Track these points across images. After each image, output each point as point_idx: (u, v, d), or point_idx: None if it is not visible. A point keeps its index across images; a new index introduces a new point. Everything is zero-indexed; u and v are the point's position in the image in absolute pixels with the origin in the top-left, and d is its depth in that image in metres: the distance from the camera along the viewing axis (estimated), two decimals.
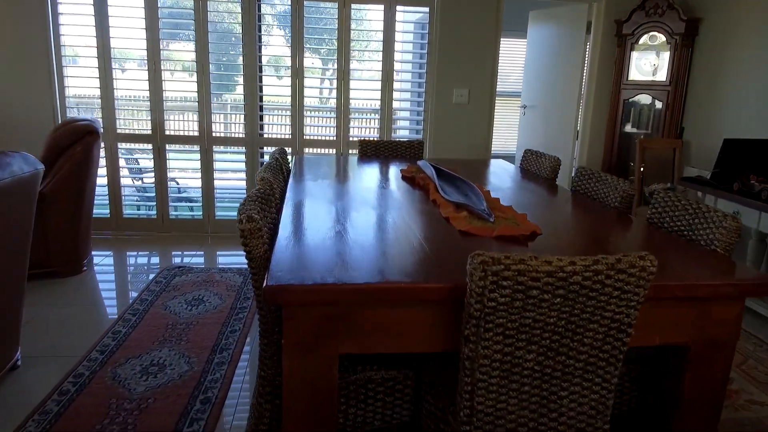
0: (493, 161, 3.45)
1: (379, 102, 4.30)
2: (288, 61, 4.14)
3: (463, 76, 4.25)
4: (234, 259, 3.97)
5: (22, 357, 2.39)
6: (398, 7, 4.14)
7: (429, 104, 4.30)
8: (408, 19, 4.36)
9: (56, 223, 3.21)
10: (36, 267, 3.21)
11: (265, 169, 2.25)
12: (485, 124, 4.34)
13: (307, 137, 4.28)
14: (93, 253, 3.85)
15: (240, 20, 4.01)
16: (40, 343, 2.57)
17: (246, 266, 3.79)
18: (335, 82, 4.19)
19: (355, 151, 4.39)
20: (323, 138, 4.34)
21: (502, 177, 2.89)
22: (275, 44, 4.44)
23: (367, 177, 2.73)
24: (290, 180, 2.54)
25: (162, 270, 3.48)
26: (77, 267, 3.39)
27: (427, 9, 4.21)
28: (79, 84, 4.05)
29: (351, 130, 4.32)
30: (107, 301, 3.17)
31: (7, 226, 2.06)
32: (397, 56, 4.25)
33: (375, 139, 4.33)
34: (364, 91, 4.36)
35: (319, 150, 4.49)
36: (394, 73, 4.23)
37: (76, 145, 3.21)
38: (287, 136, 4.27)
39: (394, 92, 4.27)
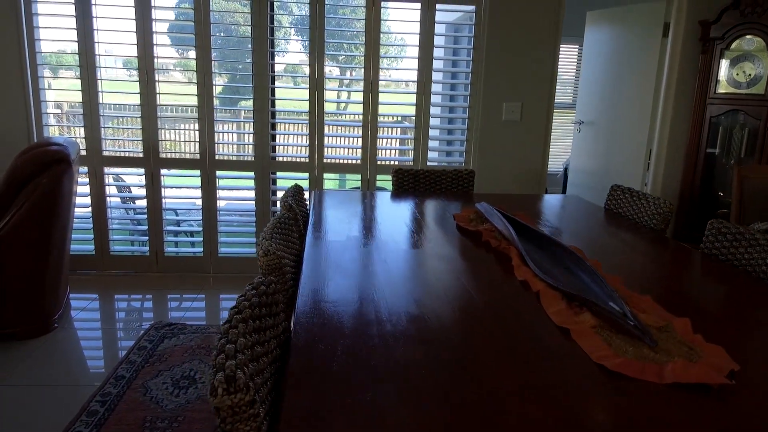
0: (563, 197, 2.73)
1: (413, 119, 3.60)
2: (305, 70, 3.46)
3: (515, 89, 3.54)
4: None
5: None
6: (438, 6, 3.45)
7: (474, 121, 3.60)
8: (445, 19, 3.66)
9: (15, 272, 2.56)
10: None
11: (273, 230, 1.55)
12: (540, 144, 3.62)
13: (328, 160, 3.60)
14: (73, 298, 3.20)
15: (250, 22, 3.35)
16: None
17: None
18: (361, 95, 3.51)
19: (384, 177, 3.70)
20: (347, 162, 3.65)
21: (588, 225, 2.17)
22: (291, 51, 3.77)
23: (408, 227, 2.03)
24: (308, 235, 1.84)
25: (149, 329, 2.81)
26: (44, 325, 2.73)
27: (472, 8, 3.51)
28: (60, 98, 3.42)
29: (379, 152, 3.63)
30: (79, 374, 2.50)
31: None
32: (436, 64, 3.56)
33: (410, 164, 3.63)
34: (396, 106, 3.68)
35: (341, 177, 3.82)
36: (432, 84, 3.53)
37: (41, 177, 2.56)
38: (304, 160, 3.59)
39: (431, 107, 3.57)
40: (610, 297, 1.23)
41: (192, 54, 3.37)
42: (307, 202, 2.55)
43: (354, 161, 3.61)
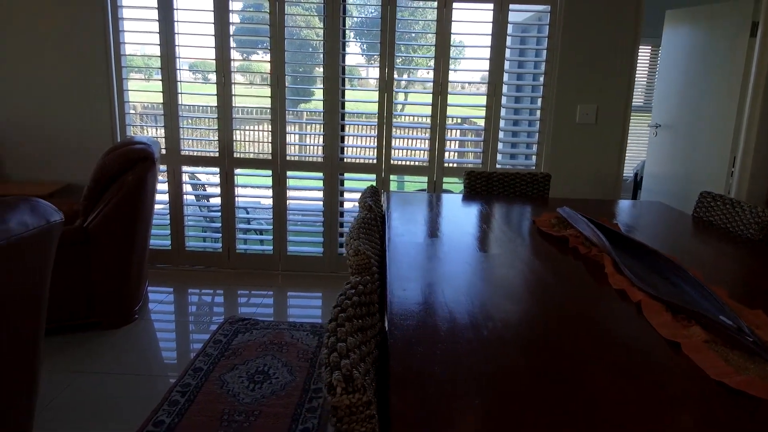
0: (646, 203, 2.61)
1: (483, 121, 3.56)
2: (374, 72, 3.48)
3: (590, 90, 3.42)
4: (307, 304, 3.34)
5: None
6: (511, 6, 3.39)
7: (545, 124, 3.51)
8: (513, 20, 3.59)
9: (102, 265, 2.69)
10: (79, 317, 2.71)
11: (359, 229, 1.56)
12: (616, 148, 3.49)
13: (395, 162, 3.60)
14: (150, 290, 3.35)
15: (322, 25, 3.40)
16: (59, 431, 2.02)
17: (320, 322, 3.18)
18: (430, 96, 3.49)
19: (449, 180, 3.67)
20: (414, 163, 3.64)
21: (677, 233, 2.07)
22: (357, 53, 3.81)
23: (487, 231, 2.00)
24: (388, 236, 1.84)
25: (224, 323, 2.89)
26: (127, 316, 2.87)
27: (543, 7, 3.43)
28: (142, 98, 3.58)
29: (446, 154, 3.60)
30: (158, 364, 2.60)
31: (4, 299, 1.49)
32: (507, 65, 3.49)
33: (479, 167, 3.58)
34: (465, 108, 3.64)
35: (408, 178, 3.81)
36: (503, 86, 3.47)
37: (127, 174, 2.69)
38: (372, 161, 3.61)
39: (502, 109, 3.51)
40: (720, 310, 1.16)
41: (265, 57, 3.45)
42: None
43: (421, 163, 3.60)
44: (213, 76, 3.46)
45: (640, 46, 5.76)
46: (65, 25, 3.34)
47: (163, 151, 3.51)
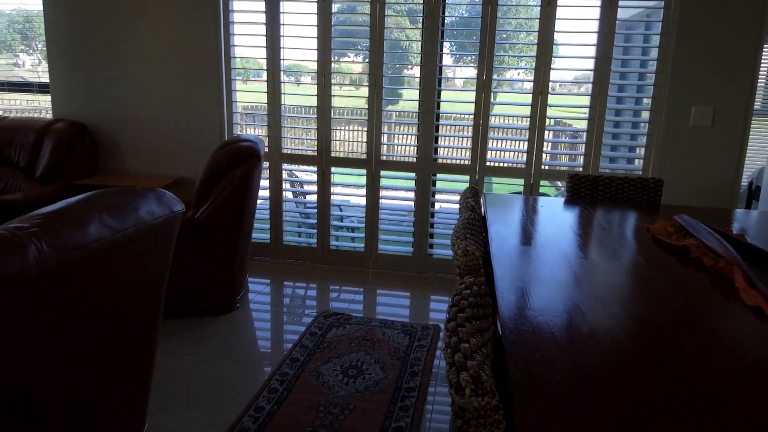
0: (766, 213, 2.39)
1: (579, 122, 3.41)
2: (464, 72, 3.44)
3: (706, 92, 3.18)
4: (396, 302, 3.36)
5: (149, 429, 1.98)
6: (620, 2, 3.22)
7: (655, 126, 3.30)
8: (622, 16, 3.40)
9: (211, 255, 2.86)
10: (187, 303, 2.89)
11: (464, 230, 1.54)
12: (735, 154, 3.22)
13: (491, 163, 3.54)
14: (250, 280, 3.52)
15: (416, 26, 3.41)
16: (170, 409, 2.16)
17: (409, 322, 3.20)
18: (529, 97, 3.39)
19: (548, 183, 3.55)
20: (510, 165, 3.56)
21: None
22: (452, 53, 3.77)
23: (596, 237, 1.91)
24: (491, 237, 1.81)
25: (318, 316, 2.98)
26: (230, 304, 3.03)
27: (660, 3, 3.23)
28: (247, 99, 3.77)
29: (544, 156, 3.49)
30: (257, 352, 2.73)
31: (131, 281, 1.62)
32: (613, 64, 3.32)
33: (577, 169, 3.44)
34: (561, 109, 3.50)
35: (496, 179, 3.74)
36: (609, 86, 3.31)
37: (236, 170, 2.84)
38: (466, 162, 3.57)
39: (607, 109, 3.35)
40: None
41: (358, 59, 3.52)
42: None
43: (518, 165, 3.51)
44: (313, 78, 3.57)
45: (765, 45, 5.28)
46: (184, 34, 3.59)
47: (266, 150, 3.68)
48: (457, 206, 3.80)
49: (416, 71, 3.53)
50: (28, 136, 3.55)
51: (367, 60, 3.50)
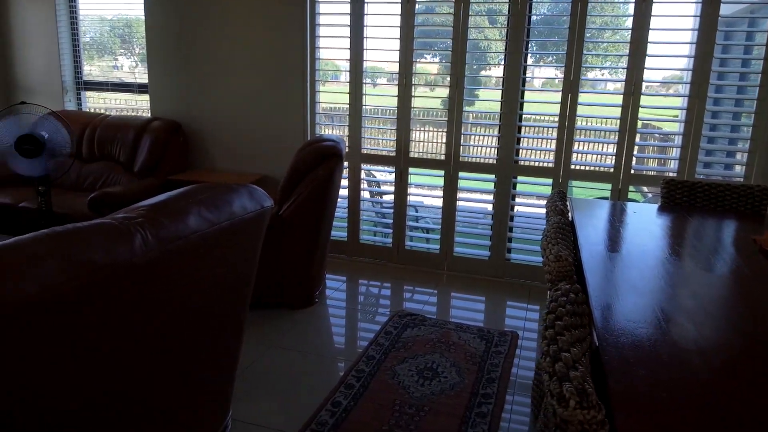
0: None
1: (678, 125, 3.21)
2: (545, 72, 3.32)
3: None
4: (471, 306, 3.31)
5: (231, 420, 2.06)
6: None
7: (760, 130, 3.05)
8: (724, 13, 3.16)
9: (292, 250, 2.94)
10: (268, 296, 2.99)
11: (555, 234, 1.49)
12: None
13: (576, 167, 3.40)
14: (327, 276, 3.59)
15: (506, 24, 3.34)
16: (250, 397, 2.24)
17: (485, 327, 3.13)
18: (620, 97, 3.23)
19: (633, 188, 3.37)
20: (595, 169, 3.41)
21: None
22: (537, 53, 3.66)
23: (695, 246, 1.78)
24: (581, 243, 1.73)
25: (393, 316, 2.99)
26: (309, 298, 3.10)
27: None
28: (328, 99, 3.84)
29: (634, 159, 3.31)
30: (333, 347, 2.78)
31: (223, 273, 1.69)
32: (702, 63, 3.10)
33: (669, 174, 3.24)
34: (654, 110, 3.31)
35: (577, 183, 3.59)
36: (708, 86, 3.09)
37: (318, 168, 2.90)
38: (549, 164, 3.45)
39: (705, 111, 3.13)
40: None
41: (440, 59, 3.49)
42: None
43: (604, 169, 3.36)
44: (389, 80, 3.59)
45: None
46: (273, 38, 3.72)
47: (346, 149, 3.74)
48: (537, 210, 3.70)
49: (493, 71, 3.46)
50: (128, 133, 3.81)
51: (446, 61, 3.47)
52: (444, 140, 3.58)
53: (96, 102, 4.56)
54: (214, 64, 3.88)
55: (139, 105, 4.63)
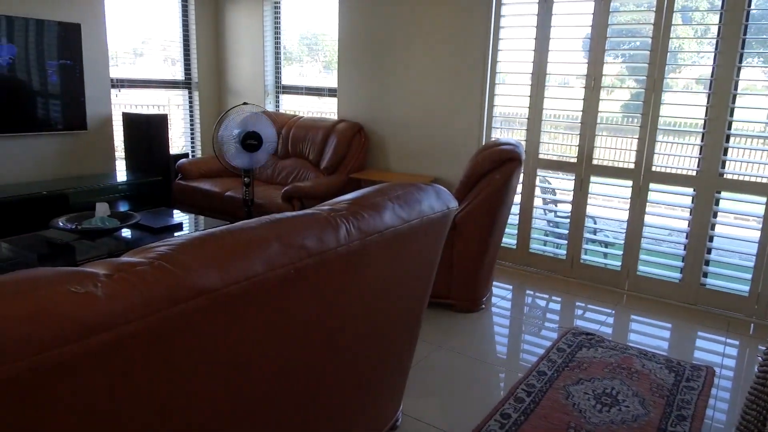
0: None
1: None
2: (756, 74, 2.85)
3: None
4: (654, 333, 2.99)
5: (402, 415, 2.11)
6: None
7: None
8: None
9: (463, 253, 2.93)
10: (436, 296, 3.02)
11: None
12: None
13: None
14: (495, 284, 3.52)
15: (718, 21, 2.95)
16: (419, 394, 2.26)
17: (673, 358, 2.78)
18: None
19: None
20: None
21: None
22: (755, 52, 3.17)
23: None
24: None
25: (566, 333, 2.82)
26: (475, 303, 3.07)
27: None
28: (506, 103, 3.76)
29: None
30: (496, 356, 2.71)
31: (410, 269, 1.72)
32: None
33: None
34: None
35: None
36: None
37: (495, 172, 2.85)
38: (762, 180, 2.98)
39: None
40: None
41: (632, 61, 3.20)
42: None
43: None
44: (578, 82, 3.38)
45: None
46: (454, 43, 3.76)
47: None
48: (744, 232, 3.21)
49: (685, 73, 3.09)
50: (317, 133, 4.13)
51: (641, 62, 3.18)
52: (635, 147, 3.29)
53: (289, 104, 5.03)
54: (397, 72, 4.03)
55: (327, 108, 4.99)
